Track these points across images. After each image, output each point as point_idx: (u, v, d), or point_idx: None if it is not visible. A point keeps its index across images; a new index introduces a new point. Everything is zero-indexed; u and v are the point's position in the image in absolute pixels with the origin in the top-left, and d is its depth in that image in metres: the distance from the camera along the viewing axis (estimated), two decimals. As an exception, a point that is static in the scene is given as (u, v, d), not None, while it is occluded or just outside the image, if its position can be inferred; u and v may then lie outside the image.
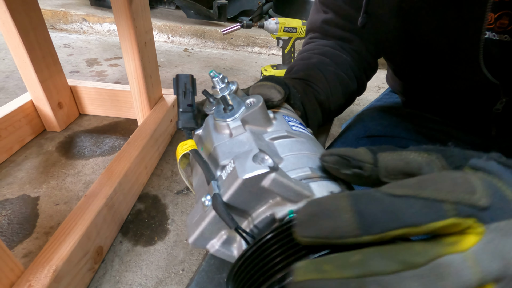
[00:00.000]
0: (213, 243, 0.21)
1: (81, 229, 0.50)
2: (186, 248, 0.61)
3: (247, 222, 0.21)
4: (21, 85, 1.12)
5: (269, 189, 0.19)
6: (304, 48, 0.53)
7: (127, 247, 0.60)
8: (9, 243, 0.58)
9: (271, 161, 0.19)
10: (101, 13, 1.80)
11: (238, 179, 0.18)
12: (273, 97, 0.28)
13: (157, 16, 1.87)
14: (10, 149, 0.79)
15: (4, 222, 0.62)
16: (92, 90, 0.94)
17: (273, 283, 0.16)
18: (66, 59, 1.41)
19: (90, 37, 1.74)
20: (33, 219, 0.64)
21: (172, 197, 0.73)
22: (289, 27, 1.19)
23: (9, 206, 0.66)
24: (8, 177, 0.73)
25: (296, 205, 0.20)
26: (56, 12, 1.77)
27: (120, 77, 1.29)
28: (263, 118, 0.25)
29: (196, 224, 0.21)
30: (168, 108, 0.89)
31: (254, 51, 1.78)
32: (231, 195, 0.19)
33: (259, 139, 0.23)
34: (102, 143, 0.88)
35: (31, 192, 0.70)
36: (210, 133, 0.26)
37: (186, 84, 0.29)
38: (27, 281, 0.42)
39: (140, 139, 0.73)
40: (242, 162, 0.19)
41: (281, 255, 0.17)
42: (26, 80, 0.79)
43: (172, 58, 1.57)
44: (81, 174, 0.76)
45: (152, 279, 0.55)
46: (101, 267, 0.56)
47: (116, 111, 0.98)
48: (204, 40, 1.79)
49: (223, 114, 0.25)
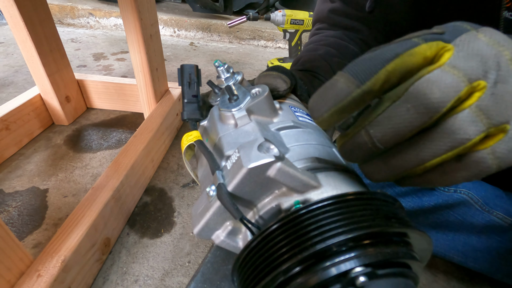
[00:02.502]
0: (218, 234, 0.21)
1: (89, 221, 0.50)
2: (192, 241, 0.61)
3: (252, 213, 0.21)
4: (29, 79, 1.13)
5: (274, 179, 0.18)
6: (311, 40, 0.52)
7: (134, 239, 0.61)
8: (19, 234, 0.60)
9: (277, 150, 0.18)
10: (107, 7, 1.80)
11: (243, 169, 0.18)
12: (279, 87, 0.28)
13: (163, 10, 1.86)
14: (19, 142, 0.80)
15: (14, 213, 0.64)
16: (99, 84, 0.94)
17: (278, 274, 0.16)
18: (73, 53, 1.42)
19: (97, 31, 1.75)
20: (42, 211, 0.65)
21: (178, 190, 0.73)
22: (296, 19, 1.18)
23: (19, 198, 0.67)
24: (18, 170, 0.74)
25: (303, 195, 0.19)
26: (63, 7, 1.78)
27: (127, 71, 1.29)
28: (268, 108, 0.25)
29: (201, 214, 0.21)
30: (174, 101, 0.89)
31: (261, 44, 1.77)
32: (236, 185, 0.19)
33: (264, 129, 0.23)
34: (109, 137, 0.88)
35: (40, 184, 0.71)
36: (215, 123, 0.26)
37: (190, 74, 0.29)
38: (36, 270, 0.43)
39: (146, 133, 0.73)
40: (247, 151, 0.18)
41: (287, 245, 0.16)
42: (34, 74, 0.80)
43: (178, 52, 1.57)
44: (89, 167, 0.77)
45: (159, 271, 0.55)
46: (109, 258, 0.57)
47: (122, 105, 0.99)
48: (210, 33, 1.78)
49: (228, 104, 0.25)
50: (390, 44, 0.17)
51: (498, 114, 0.16)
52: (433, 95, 0.15)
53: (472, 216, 0.45)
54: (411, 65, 0.16)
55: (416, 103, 0.16)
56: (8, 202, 0.66)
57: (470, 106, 0.16)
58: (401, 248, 0.16)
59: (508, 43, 0.16)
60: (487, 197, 0.45)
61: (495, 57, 0.16)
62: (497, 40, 0.16)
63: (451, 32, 0.18)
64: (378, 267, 0.15)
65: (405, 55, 0.16)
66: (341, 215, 0.17)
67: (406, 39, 0.17)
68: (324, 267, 0.15)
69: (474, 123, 0.16)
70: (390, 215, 0.17)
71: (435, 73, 0.16)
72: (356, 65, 0.17)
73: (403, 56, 0.16)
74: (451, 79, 0.16)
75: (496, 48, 0.16)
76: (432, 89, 0.16)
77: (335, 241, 0.16)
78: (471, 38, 0.17)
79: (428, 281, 0.56)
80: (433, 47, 0.17)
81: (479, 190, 0.45)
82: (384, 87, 0.17)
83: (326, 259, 0.15)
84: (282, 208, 0.20)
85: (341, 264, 0.15)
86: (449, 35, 0.18)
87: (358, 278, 0.15)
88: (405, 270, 0.16)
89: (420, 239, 0.18)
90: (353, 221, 0.16)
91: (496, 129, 0.16)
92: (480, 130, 0.16)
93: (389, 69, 0.16)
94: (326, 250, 0.16)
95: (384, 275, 0.15)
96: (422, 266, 0.19)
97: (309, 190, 0.19)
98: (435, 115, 0.16)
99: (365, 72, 0.16)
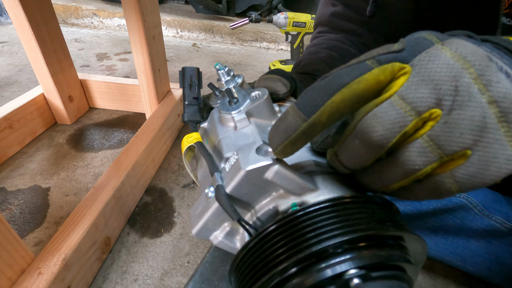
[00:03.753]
0: (216, 235, 0.22)
1: (90, 220, 0.51)
2: (191, 241, 0.61)
3: (250, 214, 0.21)
4: (33, 79, 1.14)
5: (272, 181, 0.19)
6: (312, 43, 0.52)
7: (134, 239, 0.61)
8: (21, 232, 0.60)
9: (275, 153, 0.18)
10: (111, 7, 1.81)
11: (241, 171, 0.18)
12: (278, 90, 0.28)
13: (166, 11, 1.87)
14: (22, 140, 0.81)
15: (16, 211, 0.64)
16: (102, 84, 0.95)
17: (274, 274, 0.16)
18: (77, 53, 1.43)
19: (100, 31, 1.76)
20: (44, 209, 0.65)
21: (178, 190, 0.73)
22: (298, 22, 1.18)
23: (21, 196, 0.68)
24: (20, 168, 0.75)
25: (300, 198, 0.20)
26: (67, 7, 1.79)
27: (129, 71, 1.30)
28: (268, 111, 0.25)
29: (200, 215, 0.21)
30: (176, 102, 0.90)
31: (263, 46, 1.77)
32: (234, 187, 0.19)
33: (263, 131, 0.23)
34: (111, 136, 0.89)
35: (42, 183, 0.72)
36: (215, 126, 0.26)
37: (192, 77, 0.29)
38: (37, 268, 0.43)
39: (148, 133, 0.74)
40: (246, 154, 0.19)
41: (283, 247, 0.17)
42: (38, 73, 0.81)
43: (181, 53, 1.57)
44: (90, 166, 0.78)
45: (158, 270, 0.56)
46: (109, 257, 0.57)
47: (125, 105, 1.00)
48: (213, 35, 1.79)
49: (228, 107, 0.25)
50: (342, 68, 0.16)
51: (450, 143, 0.15)
52: (377, 133, 0.15)
53: (471, 220, 0.45)
54: (361, 92, 0.15)
55: (362, 140, 0.16)
56: (10, 200, 0.67)
57: (422, 136, 0.15)
58: (395, 251, 0.17)
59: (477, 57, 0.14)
60: (486, 201, 0.45)
61: (453, 79, 0.14)
62: (463, 55, 0.15)
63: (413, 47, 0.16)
64: (373, 269, 0.16)
65: (353, 84, 0.15)
66: (337, 218, 0.17)
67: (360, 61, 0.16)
68: (319, 268, 0.16)
69: (423, 153, 0.15)
70: (385, 218, 0.17)
71: (382, 107, 0.15)
72: (304, 97, 0.16)
73: (351, 85, 0.15)
74: (396, 114, 0.15)
75: (459, 66, 0.14)
76: (375, 126, 0.15)
77: (330, 243, 0.16)
78: (431, 56, 0.15)
79: (426, 284, 0.56)
80: (387, 70, 0.15)
81: (478, 195, 0.45)
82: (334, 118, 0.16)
83: (321, 260, 0.16)
84: (279, 210, 0.20)
85: (336, 266, 0.16)
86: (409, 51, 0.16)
87: (352, 280, 0.15)
88: (399, 273, 0.17)
89: (415, 243, 0.18)
90: (349, 224, 0.17)
91: (452, 156, 0.15)
92: (430, 161, 0.15)
93: (336, 100, 0.15)
94: (321, 252, 0.16)
95: (378, 277, 0.16)
96: (417, 270, 0.19)
97: (306, 192, 0.19)
98: (382, 150, 0.16)
99: (310, 105, 0.16)
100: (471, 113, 0.14)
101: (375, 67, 0.15)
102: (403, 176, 0.16)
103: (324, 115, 0.16)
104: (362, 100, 0.16)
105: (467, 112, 0.14)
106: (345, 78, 0.15)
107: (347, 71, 0.16)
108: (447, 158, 0.15)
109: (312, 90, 0.16)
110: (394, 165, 0.16)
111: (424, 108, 0.15)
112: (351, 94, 0.15)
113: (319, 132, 0.17)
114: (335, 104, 0.15)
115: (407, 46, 0.16)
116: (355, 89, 0.15)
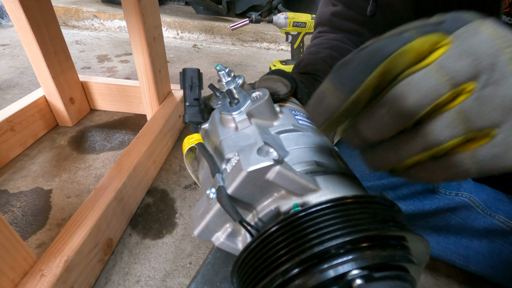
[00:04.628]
0: (218, 236, 0.22)
1: (92, 221, 0.51)
2: (193, 242, 0.61)
3: (251, 215, 0.21)
4: (34, 81, 1.14)
5: (273, 182, 0.19)
6: (313, 43, 0.52)
7: (136, 240, 0.61)
8: (23, 234, 0.60)
9: (276, 154, 0.18)
10: (111, 9, 1.81)
11: (242, 172, 0.18)
12: (279, 91, 0.28)
13: (166, 12, 1.87)
14: (24, 143, 0.81)
15: (18, 213, 0.64)
16: (103, 85, 0.95)
17: (276, 275, 0.16)
18: (77, 55, 1.44)
19: (101, 33, 1.76)
20: (46, 211, 0.65)
21: (180, 191, 0.73)
22: (298, 22, 1.18)
23: (23, 198, 0.68)
24: (22, 170, 0.75)
25: (301, 198, 0.20)
26: (68, 9, 1.80)
27: (130, 73, 1.30)
28: (269, 112, 0.25)
29: (201, 216, 0.21)
30: (177, 103, 0.90)
31: (263, 46, 1.77)
32: (236, 188, 0.19)
33: (264, 132, 0.23)
34: (112, 138, 0.89)
35: (44, 185, 0.72)
36: (216, 127, 0.26)
37: (192, 78, 0.29)
38: (39, 270, 0.43)
39: (149, 134, 0.74)
40: (247, 154, 0.19)
41: (285, 248, 0.17)
42: (39, 75, 0.81)
43: (181, 54, 1.58)
44: (92, 168, 0.78)
45: (160, 272, 0.56)
46: (111, 259, 0.57)
47: (126, 107, 1.00)
48: (213, 36, 1.79)
49: (229, 107, 0.25)
50: (381, 39, 0.16)
51: (479, 119, 0.15)
52: (409, 101, 0.15)
53: (474, 219, 0.45)
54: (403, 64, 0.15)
55: (392, 108, 0.15)
56: (13, 202, 0.67)
57: (451, 109, 0.15)
58: (398, 251, 0.17)
59: None
60: (489, 200, 0.45)
61: (492, 56, 0.14)
62: (502, 35, 0.15)
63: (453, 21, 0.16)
64: (375, 270, 0.16)
65: (396, 55, 0.15)
66: (339, 218, 0.17)
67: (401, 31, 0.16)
68: (322, 269, 0.16)
69: (449, 127, 0.15)
70: (387, 218, 0.17)
71: (418, 74, 0.15)
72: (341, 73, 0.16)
73: (394, 57, 0.15)
74: (432, 83, 0.14)
75: (497, 45, 0.14)
76: (408, 94, 0.15)
77: (333, 243, 0.16)
78: (471, 31, 0.15)
79: (429, 284, 0.56)
80: (430, 40, 0.15)
81: (480, 194, 0.45)
82: (376, 91, 0.16)
83: (324, 261, 0.16)
84: (281, 211, 0.20)
85: (338, 267, 0.15)
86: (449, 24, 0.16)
87: (355, 280, 0.15)
88: (402, 273, 0.17)
89: (418, 243, 0.18)
90: (351, 224, 0.16)
91: (477, 133, 0.15)
92: (455, 135, 0.15)
93: (377, 75, 0.15)
94: (324, 253, 0.16)
95: (381, 278, 0.16)
96: (420, 270, 0.19)
97: (308, 193, 0.19)
98: (410, 120, 0.15)
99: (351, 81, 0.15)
100: (504, 92, 0.14)
101: (416, 38, 0.15)
102: (424, 149, 0.16)
103: (367, 91, 0.15)
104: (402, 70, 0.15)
105: (500, 90, 0.14)
106: (388, 48, 0.15)
107: (387, 42, 0.15)
108: (472, 134, 0.15)
109: (349, 64, 0.16)
110: (417, 136, 0.16)
111: (461, 80, 0.14)
112: (392, 65, 0.15)
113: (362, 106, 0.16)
114: (376, 78, 0.15)
115: (447, 20, 0.16)
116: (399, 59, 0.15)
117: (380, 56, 0.15)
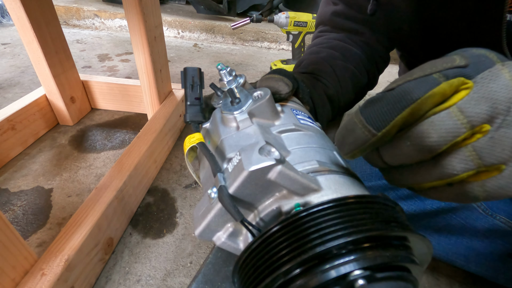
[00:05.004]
0: (219, 236, 0.21)
1: (92, 221, 0.51)
2: (194, 241, 0.61)
3: (253, 215, 0.21)
4: (35, 80, 1.14)
5: (275, 182, 0.18)
6: (313, 42, 0.52)
7: (137, 239, 0.61)
8: (24, 233, 0.60)
9: (278, 153, 0.18)
10: (112, 8, 1.81)
11: (244, 171, 0.18)
12: (280, 90, 0.28)
13: (167, 11, 1.87)
14: (25, 142, 0.81)
15: (19, 212, 0.64)
16: (104, 85, 0.95)
17: (278, 276, 0.16)
18: (78, 54, 1.44)
19: (102, 32, 1.76)
20: (46, 210, 0.65)
21: (180, 191, 0.73)
22: (299, 21, 1.18)
23: (24, 197, 0.68)
24: (23, 169, 0.75)
25: (303, 198, 0.19)
26: (69, 8, 1.80)
27: (131, 72, 1.30)
28: (270, 111, 0.25)
29: (202, 216, 0.21)
30: (178, 102, 0.90)
31: (264, 46, 1.77)
32: (237, 188, 0.19)
33: (266, 132, 0.23)
34: (113, 137, 0.89)
35: (45, 184, 0.72)
36: (217, 126, 0.26)
37: (193, 77, 0.29)
38: (40, 269, 0.43)
39: (150, 134, 0.74)
40: (248, 154, 0.19)
41: (287, 248, 0.17)
42: (40, 74, 0.81)
43: (182, 53, 1.58)
44: (93, 167, 0.78)
45: (161, 271, 0.56)
46: (112, 258, 0.57)
47: (126, 106, 1.00)
48: (214, 35, 1.79)
49: (230, 107, 0.25)
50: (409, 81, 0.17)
51: (491, 156, 0.16)
52: (431, 139, 0.16)
53: (475, 220, 0.45)
54: (429, 105, 0.17)
55: (415, 143, 0.17)
56: (13, 201, 0.67)
57: (467, 145, 0.16)
58: (400, 251, 0.17)
59: None
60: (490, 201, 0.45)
61: (508, 101, 0.16)
62: None
63: (476, 64, 0.17)
64: (377, 270, 0.16)
65: (423, 99, 0.16)
66: (341, 218, 0.17)
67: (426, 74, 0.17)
68: (323, 269, 0.15)
69: (464, 161, 0.17)
70: (390, 218, 0.17)
71: (440, 115, 0.16)
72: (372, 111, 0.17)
73: (422, 99, 0.16)
74: (452, 124, 0.16)
75: None
76: (431, 132, 0.16)
77: (334, 244, 0.16)
78: (492, 76, 0.16)
79: (430, 284, 0.56)
80: (453, 85, 0.17)
81: None
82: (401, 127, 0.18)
83: (325, 261, 0.16)
84: (283, 211, 0.20)
85: (340, 267, 0.15)
86: (472, 68, 0.17)
87: (357, 281, 0.15)
88: (404, 273, 0.16)
89: (420, 243, 0.18)
90: (353, 224, 0.16)
91: (488, 168, 0.17)
92: (468, 168, 0.17)
93: (405, 115, 0.17)
94: (325, 253, 0.16)
95: (383, 278, 0.15)
96: (422, 270, 0.19)
97: (310, 193, 0.19)
98: (431, 155, 0.17)
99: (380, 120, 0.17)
100: None
101: (442, 81, 0.17)
102: (439, 178, 0.18)
103: (394, 129, 0.17)
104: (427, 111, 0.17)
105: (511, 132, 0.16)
106: (415, 93, 0.17)
107: (416, 85, 0.17)
108: (483, 168, 0.17)
109: (380, 103, 0.17)
110: (434, 167, 0.18)
111: (478, 122, 0.16)
112: (420, 108, 0.17)
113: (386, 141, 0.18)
114: (404, 118, 0.17)
115: (471, 62, 0.17)
116: (424, 103, 0.17)
117: (409, 100, 0.17)
